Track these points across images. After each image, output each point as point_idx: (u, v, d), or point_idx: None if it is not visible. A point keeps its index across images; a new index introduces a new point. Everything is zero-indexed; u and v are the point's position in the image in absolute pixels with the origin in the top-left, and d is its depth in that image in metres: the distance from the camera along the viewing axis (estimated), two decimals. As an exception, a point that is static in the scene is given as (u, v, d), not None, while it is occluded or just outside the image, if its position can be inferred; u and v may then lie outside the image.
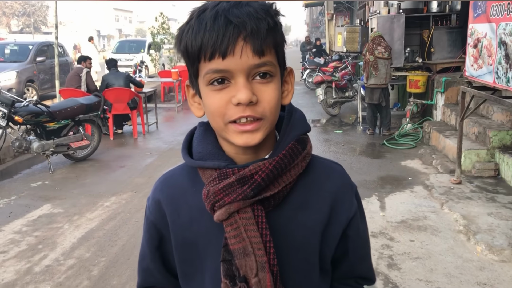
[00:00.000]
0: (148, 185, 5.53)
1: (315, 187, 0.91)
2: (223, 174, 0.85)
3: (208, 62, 0.81)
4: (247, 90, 0.80)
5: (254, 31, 0.79)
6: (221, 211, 0.84)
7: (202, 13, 0.82)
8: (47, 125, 6.13)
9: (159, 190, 0.97)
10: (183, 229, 0.93)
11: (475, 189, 5.01)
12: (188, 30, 0.83)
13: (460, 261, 3.55)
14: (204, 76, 0.83)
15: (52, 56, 13.19)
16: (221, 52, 0.79)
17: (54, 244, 4.02)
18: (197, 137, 0.94)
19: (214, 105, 0.83)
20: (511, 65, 3.90)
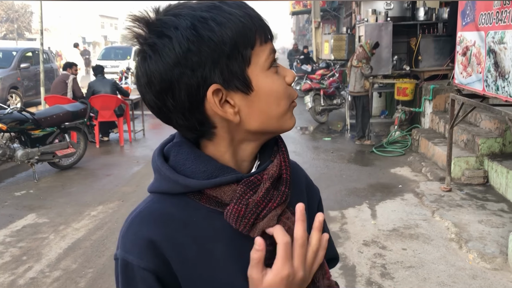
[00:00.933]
0: (135, 194, 5.44)
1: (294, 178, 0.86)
2: (251, 184, 0.75)
3: (264, 46, 0.77)
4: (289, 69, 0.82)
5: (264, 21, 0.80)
6: (268, 218, 0.75)
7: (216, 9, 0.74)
8: (32, 132, 6.00)
9: (145, 230, 0.76)
10: (196, 267, 0.77)
11: (465, 196, 5.01)
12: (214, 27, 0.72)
13: (453, 269, 3.53)
14: (266, 59, 0.77)
15: (37, 63, 13.05)
16: (269, 33, 0.79)
17: (39, 255, 3.91)
18: (186, 157, 0.78)
19: (281, 87, 0.79)
20: (500, 73, 3.91)
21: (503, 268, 3.49)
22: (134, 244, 0.75)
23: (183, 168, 0.78)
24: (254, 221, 0.74)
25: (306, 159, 6.89)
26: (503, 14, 3.87)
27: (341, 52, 12.37)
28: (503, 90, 3.88)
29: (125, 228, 0.79)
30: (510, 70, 3.74)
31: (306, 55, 17.27)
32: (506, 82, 3.82)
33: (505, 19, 3.83)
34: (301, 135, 9.12)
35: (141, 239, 0.75)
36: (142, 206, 0.81)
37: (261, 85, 0.76)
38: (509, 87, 3.76)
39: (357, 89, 7.61)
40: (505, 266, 3.51)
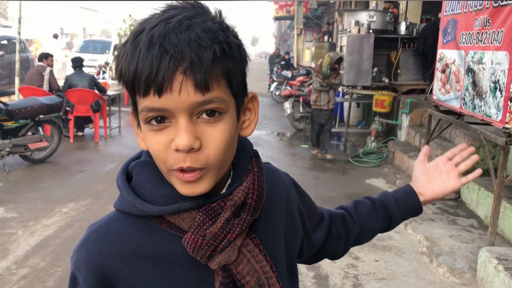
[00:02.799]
0: (108, 192, 5.34)
1: (269, 195, 0.85)
2: (210, 212, 0.72)
3: (143, 98, 0.68)
4: (187, 135, 0.67)
5: (195, 63, 0.65)
6: (227, 252, 0.72)
7: (139, 36, 0.68)
8: (4, 124, 5.83)
9: (97, 253, 0.74)
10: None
11: (437, 210, 5.10)
12: (123, 55, 0.69)
13: (423, 283, 3.58)
14: (140, 113, 0.70)
15: (12, 51, 12.72)
16: (157, 87, 0.66)
17: (5, 251, 3.79)
18: (148, 179, 0.76)
19: (154, 149, 0.70)
20: (478, 92, 4.00)
21: (471, 284, 3.57)
22: (84, 262, 0.75)
23: (142, 190, 0.75)
24: (212, 253, 0.72)
25: (282, 165, 6.90)
26: (483, 35, 3.96)
27: (322, 60, 12.52)
28: (479, 109, 3.97)
29: (81, 242, 0.77)
30: (487, 90, 3.83)
31: (287, 61, 17.38)
32: (483, 101, 3.91)
33: (485, 40, 3.93)
34: (278, 141, 9.14)
35: (90, 261, 0.74)
36: (103, 222, 0.79)
37: (143, 133, 0.73)
38: (485, 106, 3.85)
39: (311, 102, 7.49)
40: (474, 281, 3.58)
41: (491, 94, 3.77)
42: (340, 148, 8.59)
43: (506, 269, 3.21)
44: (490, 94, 3.79)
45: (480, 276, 3.53)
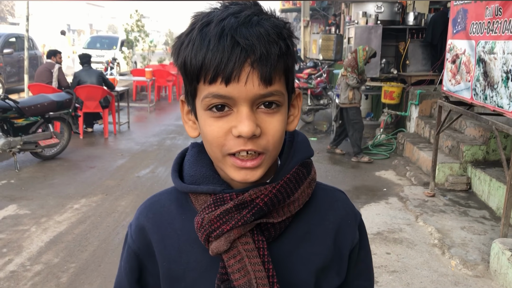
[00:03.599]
0: (119, 188, 5.37)
1: (317, 216, 0.84)
2: (219, 200, 0.76)
3: (208, 85, 0.71)
4: (251, 122, 0.70)
5: (264, 56, 0.69)
6: (219, 241, 0.75)
7: (206, 27, 0.71)
8: (15, 121, 5.88)
9: (144, 215, 0.87)
10: (170, 261, 0.83)
11: (448, 202, 5.08)
12: (188, 44, 0.73)
13: (435, 275, 3.57)
14: (203, 99, 0.73)
15: (20, 49, 12.78)
16: (225, 76, 0.69)
17: (19, 248, 3.83)
18: (189, 159, 0.84)
19: (212, 134, 0.74)
20: (489, 83, 3.96)
21: (484, 276, 3.55)
22: (134, 222, 0.88)
23: (184, 167, 0.84)
24: (207, 237, 0.75)
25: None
26: (494, 25, 3.91)
27: (329, 52, 12.43)
28: (491, 100, 3.93)
29: (140, 206, 0.90)
30: (499, 80, 3.79)
31: (294, 54, 17.29)
32: (494, 92, 3.87)
33: (496, 30, 3.88)
34: (287, 134, 9.12)
35: (138, 221, 0.87)
36: (158, 193, 0.90)
37: (199, 120, 0.77)
38: (497, 97, 3.81)
39: (342, 100, 6.94)
40: (487, 273, 3.56)
41: (503, 84, 3.73)
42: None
43: (520, 260, 3.19)
44: (502, 85, 3.75)
45: (493, 268, 3.51)
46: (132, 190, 5.32)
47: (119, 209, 4.70)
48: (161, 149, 7.41)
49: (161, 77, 12.72)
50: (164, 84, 13.12)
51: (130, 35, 15.43)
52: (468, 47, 4.44)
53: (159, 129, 8.97)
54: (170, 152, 7.19)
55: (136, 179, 5.75)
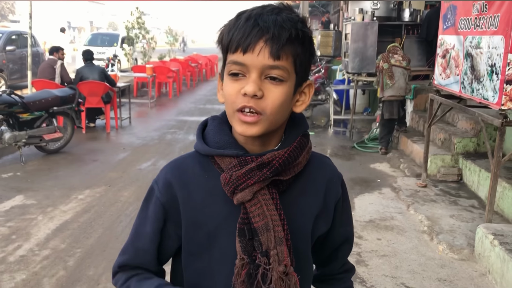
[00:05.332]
0: (122, 179, 5.56)
1: (312, 176, 1.05)
2: (243, 161, 0.95)
3: (232, 54, 0.93)
4: (255, 84, 0.90)
5: (275, 36, 0.89)
6: (245, 192, 0.93)
7: (242, 15, 0.94)
8: (20, 116, 6.06)
9: (170, 173, 1.04)
10: (194, 211, 1.00)
11: (439, 192, 5.26)
12: (226, 26, 0.96)
13: (423, 259, 3.76)
14: (227, 65, 0.94)
15: (22, 46, 12.95)
16: (244, 47, 0.90)
17: (28, 234, 4.02)
18: (212, 128, 1.02)
19: (228, 92, 0.94)
20: (475, 76, 4.14)
21: (469, 259, 3.74)
22: (161, 179, 1.05)
23: (207, 136, 1.02)
24: (234, 190, 0.94)
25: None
26: (480, 21, 4.09)
27: (328, 48, 12.57)
28: (477, 92, 4.11)
29: (164, 167, 1.07)
30: (484, 74, 3.96)
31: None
32: (480, 85, 4.05)
33: (482, 25, 4.05)
34: (285, 128, 9.30)
35: (166, 178, 1.04)
36: (182, 156, 1.09)
37: (224, 82, 0.97)
38: (483, 90, 3.99)
39: (402, 93, 6.87)
40: (472, 257, 3.75)
41: (488, 78, 3.91)
42: (346, 135, 8.73)
43: (501, 243, 3.37)
44: (487, 78, 3.93)
45: (478, 252, 3.70)
46: (134, 181, 5.51)
47: (121, 199, 4.89)
48: (162, 143, 7.60)
49: (161, 74, 12.89)
50: (165, 80, 13.29)
51: (130, 32, 15.58)
52: (457, 42, 4.61)
53: (160, 124, 9.15)
54: (170, 145, 7.38)
55: (137, 171, 5.94)
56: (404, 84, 6.93)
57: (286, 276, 0.93)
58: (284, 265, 0.93)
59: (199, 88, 15.90)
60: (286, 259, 0.93)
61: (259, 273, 0.93)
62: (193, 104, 12.18)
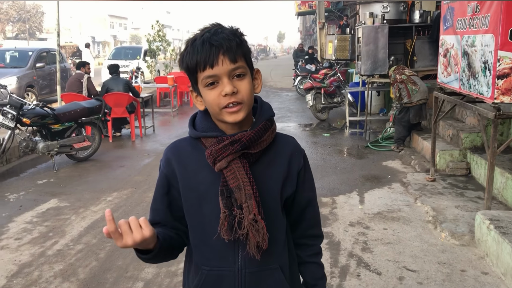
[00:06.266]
0: (146, 182, 5.97)
1: (278, 150, 1.38)
2: (220, 140, 1.27)
3: (203, 72, 1.24)
4: (230, 85, 1.23)
5: (228, 47, 1.22)
6: (222, 162, 1.26)
7: (194, 42, 1.25)
8: (52, 127, 6.55)
9: (170, 152, 1.39)
10: (189, 179, 1.33)
11: (447, 185, 5.48)
12: (186, 54, 1.26)
13: (425, 245, 4.01)
14: (202, 81, 1.25)
15: (51, 62, 13.64)
16: (210, 64, 1.22)
17: (63, 232, 4.45)
18: (199, 118, 1.36)
19: (211, 98, 1.25)
20: (472, 73, 4.39)
21: (469, 244, 3.97)
22: (164, 156, 1.40)
23: (196, 123, 1.36)
24: (214, 160, 1.29)
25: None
26: (474, 20, 4.34)
27: (345, 52, 12.84)
28: (474, 88, 4.36)
29: (166, 148, 1.41)
30: (479, 70, 4.21)
31: (310, 55, 17.75)
32: (476, 81, 4.29)
33: (476, 25, 4.30)
34: (301, 131, 9.61)
35: (167, 156, 1.39)
36: (177, 140, 1.42)
37: (203, 95, 1.30)
38: (479, 85, 4.24)
39: (427, 96, 7.17)
40: (472, 242, 3.98)
41: (482, 74, 4.16)
42: (362, 136, 8.97)
43: (496, 227, 3.61)
44: (481, 74, 4.18)
45: (477, 237, 3.93)
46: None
47: (146, 200, 5.28)
48: (183, 148, 7.99)
49: (182, 84, 13.39)
50: (186, 90, 13.77)
51: (152, 45, 16.16)
52: (456, 42, 4.87)
53: (182, 131, 9.58)
54: (191, 151, 7.77)
55: (161, 175, 6.33)
56: (426, 87, 7.25)
57: (255, 222, 1.26)
58: (253, 214, 1.26)
59: (220, 96, 16.28)
60: (254, 210, 1.26)
61: (236, 221, 1.26)
62: (214, 111, 12.57)
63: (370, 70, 8.75)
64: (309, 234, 1.51)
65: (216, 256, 1.33)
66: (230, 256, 1.32)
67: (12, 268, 3.73)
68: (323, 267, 1.53)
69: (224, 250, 1.32)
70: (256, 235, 1.26)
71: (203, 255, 1.35)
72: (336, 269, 3.60)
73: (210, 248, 1.33)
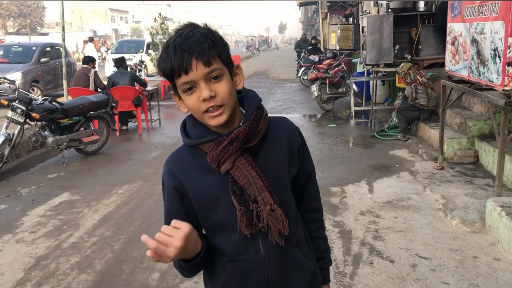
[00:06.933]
0: (156, 175, 6.01)
1: (275, 135, 1.38)
2: (218, 142, 1.26)
3: (178, 78, 1.21)
4: (207, 90, 1.20)
5: (200, 52, 1.19)
6: (226, 164, 1.26)
7: (167, 48, 1.22)
8: (60, 121, 6.59)
9: (171, 163, 1.36)
10: (197, 186, 1.32)
11: (456, 173, 5.50)
12: (162, 60, 1.23)
13: (437, 233, 4.04)
14: (179, 87, 1.23)
15: (55, 57, 13.66)
16: (184, 70, 1.19)
17: (77, 225, 4.50)
18: (190, 125, 1.34)
19: (191, 104, 1.23)
20: (481, 60, 4.39)
21: (480, 231, 4.00)
22: (165, 170, 1.37)
23: (188, 131, 1.34)
24: (218, 164, 1.28)
25: (311, 143, 7.40)
26: (483, 7, 4.34)
27: (348, 42, 12.81)
28: (483, 75, 4.36)
29: (165, 162, 1.38)
30: (488, 58, 4.22)
31: (314, 46, 17.70)
32: (485, 68, 4.30)
33: (485, 12, 4.30)
34: (307, 122, 9.63)
35: (168, 168, 1.37)
36: (175, 150, 1.39)
37: (183, 99, 1.27)
38: (488, 73, 4.24)
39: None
40: (483, 229, 4.01)
41: (492, 61, 4.16)
42: (368, 125, 8.98)
43: (508, 214, 3.64)
44: (491, 61, 4.18)
45: (488, 224, 3.96)
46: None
47: (157, 192, 5.33)
48: (190, 141, 8.03)
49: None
50: (190, 82, 13.77)
51: (155, 38, 16.14)
52: (464, 29, 4.86)
53: (188, 124, 9.60)
54: (199, 143, 7.81)
55: (170, 167, 6.38)
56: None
57: (273, 212, 1.28)
58: (269, 204, 1.28)
59: (224, 88, 16.32)
60: (269, 200, 1.28)
61: (254, 215, 1.28)
62: (219, 104, 12.59)
63: (375, 60, 8.73)
64: (311, 208, 1.55)
65: (239, 251, 1.35)
66: (252, 248, 1.35)
67: (29, 261, 3.79)
68: (326, 239, 1.59)
69: (245, 244, 1.34)
70: (277, 224, 1.29)
71: (225, 253, 1.37)
72: (349, 257, 3.64)
73: (231, 245, 1.35)
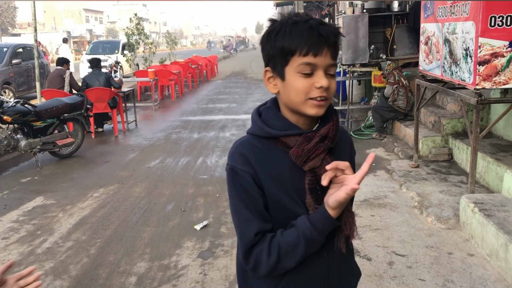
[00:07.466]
0: (132, 177, 5.94)
1: (341, 139, 1.36)
2: (307, 138, 1.23)
3: (302, 57, 1.17)
4: (327, 80, 1.19)
5: (334, 42, 1.19)
6: (315, 160, 1.23)
7: (296, 24, 1.18)
8: (34, 124, 6.45)
9: (244, 149, 1.27)
10: (270, 178, 1.26)
11: (431, 171, 5.59)
12: (284, 34, 1.19)
13: (413, 230, 4.10)
14: (297, 66, 1.18)
15: (27, 59, 13.38)
16: (314, 52, 1.17)
17: (51, 230, 4.41)
18: (271, 116, 1.29)
19: (302, 86, 1.19)
20: (453, 59, 4.47)
21: (455, 228, 4.08)
22: (237, 158, 1.27)
23: (268, 122, 1.28)
24: (306, 160, 1.25)
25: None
26: (455, 8, 4.42)
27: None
28: (456, 74, 4.44)
29: (232, 149, 1.30)
30: (460, 57, 4.30)
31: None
32: (458, 68, 4.38)
33: (456, 12, 4.38)
34: (285, 122, 9.64)
35: (241, 154, 1.27)
36: (242, 139, 1.32)
37: (289, 79, 1.23)
38: (460, 72, 4.32)
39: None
40: (457, 225, 4.09)
41: (464, 61, 4.24)
42: (344, 125, 9.05)
43: (481, 210, 3.71)
44: (463, 61, 4.26)
45: (462, 220, 4.04)
46: (144, 178, 5.89)
47: (134, 195, 5.27)
48: (168, 142, 7.97)
49: (163, 77, 13.28)
50: (167, 83, 13.68)
51: (131, 39, 15.97)
52: (437, 29, 4.94)
53: (165, 125, 9.53)
54: (176, 144, 7.76)
55: (147, 169, 6.32)
56: None
57: (349, 212, 1.27)
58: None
59: (201, 89, 16.28)
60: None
61: None
62: (196, 104, 12.56)
63: (351, 60, 8.80)
64: None
65: None
66: (318, 251, 1.29)
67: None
68: None
69: None
70: (348, 227, 1.26)
71: None
72: (327, 256, 3.65)
73: None
